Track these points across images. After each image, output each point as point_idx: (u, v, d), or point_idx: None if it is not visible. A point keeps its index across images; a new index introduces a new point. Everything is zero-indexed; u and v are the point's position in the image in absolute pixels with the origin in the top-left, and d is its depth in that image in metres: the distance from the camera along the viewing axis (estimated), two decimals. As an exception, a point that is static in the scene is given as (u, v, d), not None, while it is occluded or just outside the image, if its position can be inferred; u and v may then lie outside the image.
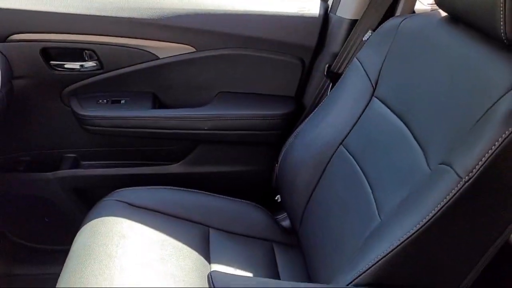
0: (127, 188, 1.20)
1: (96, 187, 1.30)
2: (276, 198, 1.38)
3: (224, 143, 1.31)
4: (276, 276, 1.11)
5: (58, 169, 1.31)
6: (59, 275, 0.94)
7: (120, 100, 1.27)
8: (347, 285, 0.69)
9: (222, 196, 1.25)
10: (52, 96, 1.26)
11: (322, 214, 1.04)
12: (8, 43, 1.15)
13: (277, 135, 1.29)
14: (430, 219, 0.64)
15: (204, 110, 1.27)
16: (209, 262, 1.06)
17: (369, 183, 0.91)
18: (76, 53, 1.21)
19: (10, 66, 1.17)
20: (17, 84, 1.21)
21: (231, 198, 1.26)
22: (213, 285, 0.66)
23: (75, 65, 1.22)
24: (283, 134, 1.27)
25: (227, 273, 0.73)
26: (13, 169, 1.30)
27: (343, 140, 1.05)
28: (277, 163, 1.26)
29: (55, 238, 1.38)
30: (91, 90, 1.26)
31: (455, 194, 0.63)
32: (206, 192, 1.25)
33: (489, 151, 0.60)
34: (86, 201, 1.29)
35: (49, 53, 1.19)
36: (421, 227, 0.65)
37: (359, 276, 0.69)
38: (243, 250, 1.16)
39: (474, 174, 0.62)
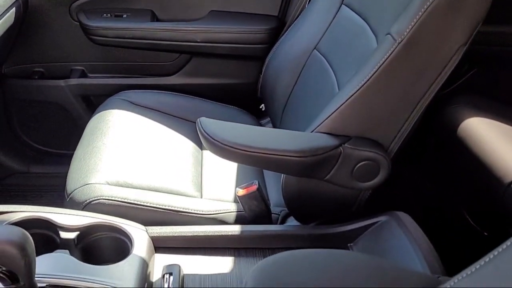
0: (130, 90, 1.38)
1: (102, 95, 1.48)
2: (261, 107, 1.56)
3: (215, 56, 1.48)
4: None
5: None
6: (67, 173, 1.09)
7: (122, 15, 1.43)
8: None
9: (214, 101, 1.44)
10: (61, 11, 1.42)
11: (298, 106, 1.22)
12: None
13: (263, 49, 1.45)
14: (371, 76, 0.82)
15: (197, 24, 1.43)
16: (201, 149, 1.25)
17: (334, 73, 1.08)
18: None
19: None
20: (31, 0, 1.37)
21: (222, 104, 1.44)
22: (202, 128, 0.84)
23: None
24: (268, 49, 1.44)
25: (216, 120, 0.89)
26: (28, 78, 1.47)
27: (316, 45, 1.22)
28: (261, 74, 1.44)
29: (65, 143, 1.56)
30: (96, 6, 1.42)
31: (390, 54, 0.80)
32: (200, 98, 1.44)
33: (417, 16, 0.77)
34: (93, 108, 1.47)
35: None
36: (364, 83, 0.83)
37: (317, 126, 0.88)
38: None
39: (406, 36, 0.79)
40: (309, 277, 0.56)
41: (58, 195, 1.15)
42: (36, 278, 0.68)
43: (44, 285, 0.73)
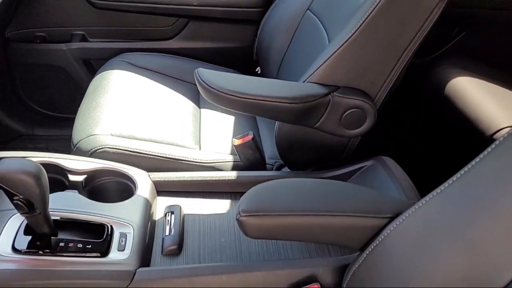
0: (130, 53, 1.43)
1: (103, 58, 1.52)
2: (257, 70, 1.61)
3: (212, 20, 1.52)
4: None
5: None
6: (71, 135, 1.15)
7: (122, -21, 1.47)
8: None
9: (211, 64, 1.49)
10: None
11: (292, 66, 1.27)
12: None
13: (258, 13, 1.50)
14: (358, 28, 0.88)
15: (193, -14, 1.47)
16: (199, 108, 1.31)
17: (326, 32, 1.13)
18: None
19: None
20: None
21: (219, 66, 1.50)
22: (200, 77, 0.89)
23: None
24: (263, 12, 1.48)
25: (211, 71, 0.94)
26: (31, 42, 1.52)
27: (309, 6, 1.26)
28: (257, 37, 1.49)
29: (68, 106, 1.62)
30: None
31: (376, 7, 0.85)
32: (198, 60, 1.49)
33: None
34: (94, 72, 1.52)
35: None
36: (351, 35, 0.89)
37: (308, 77, 0.94)
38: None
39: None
40: (294, 194, 0.63)
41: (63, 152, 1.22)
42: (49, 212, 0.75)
43: (57, 218, 0.79)
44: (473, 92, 1.28)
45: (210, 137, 1.19)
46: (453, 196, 0.61)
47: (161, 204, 0.95)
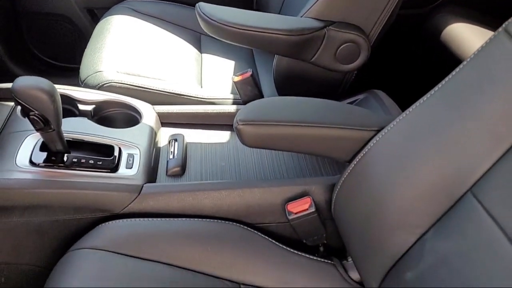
0: (133, 0, 1.46)
1: (106, 7, 1.55)
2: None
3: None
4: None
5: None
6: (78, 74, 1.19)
7: None
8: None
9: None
10: None
11: (291, 4, 1.31)
12: None
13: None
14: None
15: None
16: (201, 53, 1.35)
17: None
18: None
19: None
20: None
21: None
22: (201, 10, 0.94)
23: None
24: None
25: (212, 5, 0.97)
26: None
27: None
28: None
29: (72, 56, 1.66)
30: None
31: None
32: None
33: None
34: (98, 21, 1.55)
35: None
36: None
37: (305, 12, 0.98)
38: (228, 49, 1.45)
39: None
40: (288, 107, 0.68)
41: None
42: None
43: (69, 139, 0.85)
44: (467, 37, 1.33)
45: (211, 78, 1.24)
46: (434, 104, 0.66)
47: (165, 134, 1.01)
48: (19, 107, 0.91)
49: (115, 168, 0.83)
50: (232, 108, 1.05)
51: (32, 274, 0.85)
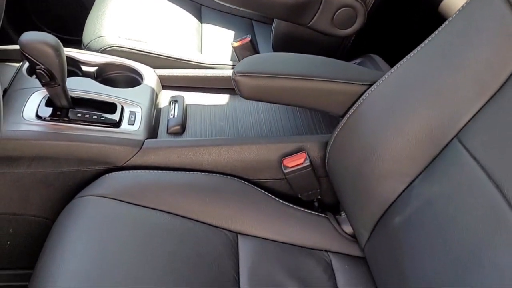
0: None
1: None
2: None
3: None
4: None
5: None
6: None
7: None
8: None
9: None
10: None
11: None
12: None
13: None
14: None
15: None
16: (201, 23, 1.37)
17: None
18: None
19: None
20: None
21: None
22: None
23: None
24: None
25: None
26: None
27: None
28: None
29: (76, 29, 1.68)
30: None
31: None
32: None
33: None
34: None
35: None
36: None
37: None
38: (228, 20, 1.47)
39: None
40: (284, 62, 0.71)
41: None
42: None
43: (73, 96, 0.88)
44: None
45: (211, 46, 1.27)
46: (423, 57, 0.69)
47: (166, 96, 1.04)
48: (25, 67, 0.94)
49: (117, 124, 0.86)
50: (232, 73, 1.07)
51: (39, 226, 0.89)
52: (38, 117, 0.83)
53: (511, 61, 0.58)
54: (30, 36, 0.75)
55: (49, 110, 0.85)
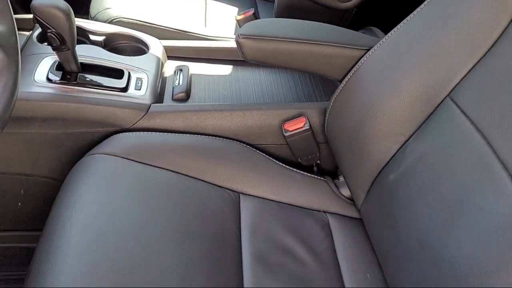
0: None
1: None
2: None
3: None
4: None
5: None
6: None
7: None
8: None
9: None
10: None
11: None
12: None
13: None
14: None
15: None
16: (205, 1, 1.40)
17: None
18: None
19: None
20: None
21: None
22: None
23: None
24: None
25: None
26: None
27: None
28: None
29: (82, 7, 1.72)
30: None
31: None
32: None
33: None
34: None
35: None
36: None
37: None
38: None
39: None
40: (286, 26, 0.74)
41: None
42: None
43: (82, 61, 0.91)
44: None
45: (215, 20, 1.30)
46: (418, 20, 0.71)
47: (171, 66, 1.07)
48: (35, 34, 0.97)
49: (124, 89, 0.90)
50: (235, 44, 1.10)
51: (48, 187, 0.93)
52: (49, 80, 0.86)
53: (503, 20, 0.61)
54: (42, 1, 0.78)
55: (59, 74, 0.88)
